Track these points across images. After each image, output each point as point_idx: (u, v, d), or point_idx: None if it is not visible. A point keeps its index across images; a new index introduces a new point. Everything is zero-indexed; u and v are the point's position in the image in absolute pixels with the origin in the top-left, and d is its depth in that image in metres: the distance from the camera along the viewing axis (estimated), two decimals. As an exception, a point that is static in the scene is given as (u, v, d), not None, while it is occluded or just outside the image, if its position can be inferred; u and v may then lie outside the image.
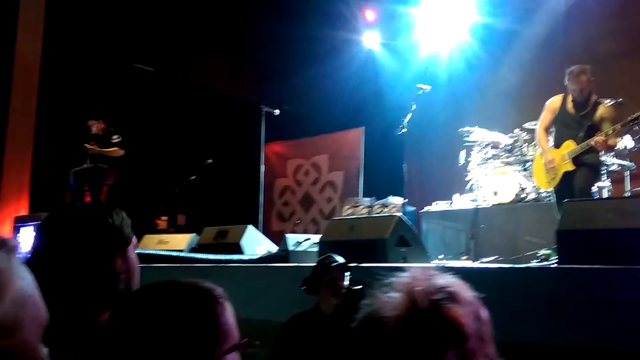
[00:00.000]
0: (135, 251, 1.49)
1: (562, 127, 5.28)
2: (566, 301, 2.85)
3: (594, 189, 5.58)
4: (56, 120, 8.32)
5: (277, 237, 5.95)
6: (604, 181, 5.98)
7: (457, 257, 6.19)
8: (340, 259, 3.32)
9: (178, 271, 5.07)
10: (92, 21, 8.70)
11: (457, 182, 7.37)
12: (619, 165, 6.13)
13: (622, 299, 2.73)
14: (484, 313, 0.84)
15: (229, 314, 1.05)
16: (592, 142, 4.97)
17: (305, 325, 3.24)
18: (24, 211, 8.32)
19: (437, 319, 0.82)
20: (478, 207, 6.62)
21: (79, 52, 8.61)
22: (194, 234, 6.27)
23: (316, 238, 5.18)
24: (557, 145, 5.31)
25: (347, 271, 3.25)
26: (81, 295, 1.32)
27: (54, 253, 1.36)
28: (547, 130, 5.43)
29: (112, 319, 1.05)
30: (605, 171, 5.97)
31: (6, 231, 7.57)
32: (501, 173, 6.64)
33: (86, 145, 7.52)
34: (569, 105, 5.24)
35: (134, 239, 1.46)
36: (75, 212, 1.45)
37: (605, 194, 5.94)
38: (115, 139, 7.52)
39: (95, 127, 7.58)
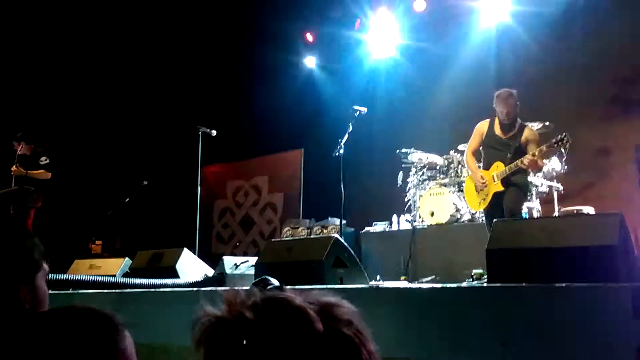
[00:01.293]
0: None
1: (490, 150, 5.46)
2: (495, 320, 2.89)
3: (524, 209, 5.75)
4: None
5: (217, 260, 5.82)
6: (533, 202, 6.20)
7: (396, 278, 6.23)
8: (274, 282, 3.24)
9: (109, 297, 4.86)
10: (20, 38, 8.38)
11: (395, 203, 7.46)
12: (548, 186, 6.36)
13: (548, 316, 2.80)
14: (318, 326, 0.76)
15: (129, 342, 0.99)
16: (523, 162, 5.12)
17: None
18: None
19: (241, 327, 0.78)
20: (415, 227, 6.71)
21: (4, 69, 8.26)
22: (127, 258, 6.04)
23: (254, 260, 5.09)
24: (487, 167, 5.47)
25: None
26: None
27: None
28: (474, 154, 5.61)
29: (7, 347, 0.97)
30: (535, 192, 6.18)
31: None
32: (437, 194, 6.77)
33: (12, 168, 7.19)
34: (497, 128, 5.43)
35: (45, 267, 1.36)
36: None
37: (535, 214, 6.14)
38: (43, 160, 7.20)
39: (22, 148, 7.25)
